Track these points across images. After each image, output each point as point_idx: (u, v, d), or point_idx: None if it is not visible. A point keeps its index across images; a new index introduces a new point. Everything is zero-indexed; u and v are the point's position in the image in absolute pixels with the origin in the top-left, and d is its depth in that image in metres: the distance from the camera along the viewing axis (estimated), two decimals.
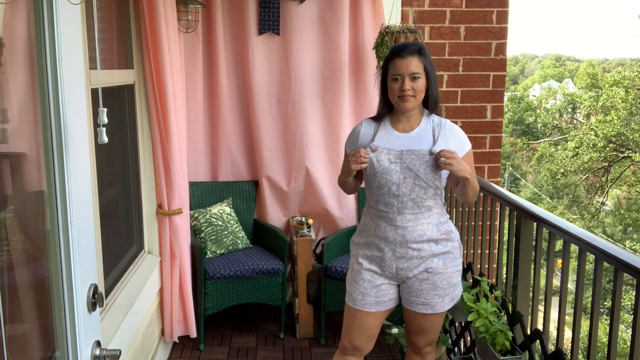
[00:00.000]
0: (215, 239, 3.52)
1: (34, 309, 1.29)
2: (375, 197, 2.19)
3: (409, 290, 2.23)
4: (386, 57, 2.21)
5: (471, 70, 3.85)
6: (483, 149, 3.95)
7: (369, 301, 2.23)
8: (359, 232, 2.30)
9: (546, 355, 2.10)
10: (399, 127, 2.21)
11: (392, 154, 2.15)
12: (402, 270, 2.19)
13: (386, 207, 2.16)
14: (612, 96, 15.94)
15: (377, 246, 2.20)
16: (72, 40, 1.27)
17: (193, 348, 3.41)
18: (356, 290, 2.24)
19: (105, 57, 2.60)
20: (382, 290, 2.23)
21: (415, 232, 2.15)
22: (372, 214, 2.23)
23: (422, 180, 2.12)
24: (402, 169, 2.12)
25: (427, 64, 2.14)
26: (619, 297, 1.77)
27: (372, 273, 2.22)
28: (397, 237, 2.15)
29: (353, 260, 2.31)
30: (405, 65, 2.10)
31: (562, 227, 2.05)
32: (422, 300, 2.21)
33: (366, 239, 2.24)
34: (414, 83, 2.11)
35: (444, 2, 3.77)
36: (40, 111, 1.21)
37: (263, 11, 3.58)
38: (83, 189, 1.31)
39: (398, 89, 2.12)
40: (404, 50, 2.13)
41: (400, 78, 2.11)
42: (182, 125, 3.15)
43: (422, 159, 2.12)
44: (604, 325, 10.76)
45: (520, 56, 63.36)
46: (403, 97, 2.12)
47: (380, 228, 2.18)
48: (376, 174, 2.15)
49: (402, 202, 2.13)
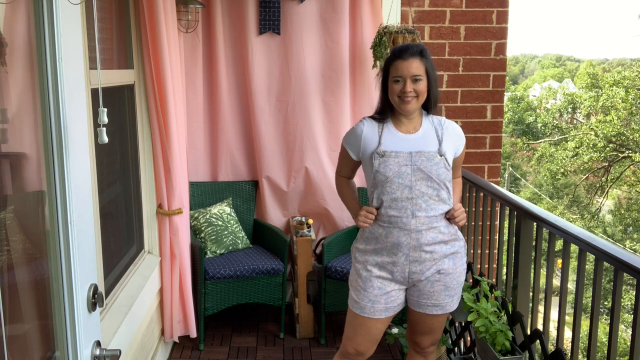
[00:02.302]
0: (215, 239, 3.52)
1: (34, 309, 1.29)
2: (386, 203, 2.12)
3: (419, 293, 2.19)
4: (387, 59, 2.19)
5: (471, 70, 3.86)
6: (483, 149, 3.95)
7: (378, 308, 2.19)
8: (365, 239, 2.21)
9: (546, 355, 2.10)
10: (402, 129, 2.17)
11: (400, 156, 2.10)
12: (415, 274, 2.15)
13: (399, 211, 2.10)
14: (612, 96, 15.95)
15: (390, 252, 2.14)
16: (72, 40, 1.26)
17: (193, 348, 3.41)
18: (365, 298, 2.18)
19: (105, 57, 2.60)
20: (392, 297, 2.19)
21: (429, 235, 2.12)
22: (382, 221, 2.14)
23: (435, 182, 2.10)
24: (413, 171, 2.09)
25: (428, 65, 2.12)
26: (619, 297, 1.77)
27: (383, 280, 2.17)
28: (411, 241, 2.11)
29: (359, 267, 2.21)
30: (407, 67, 2.09)
31: (562, 227, 2.05)
32: (434, 302, 2.19)
33: (375, 246, 2.17)
34: (415, 85, 2.09)
35: (444, 2, 3.77)
36: (40, 111, 1.21)
37: (263, 11, 3.58)
38: (83, 189, 1.31)
39: (399, 90, 2.10)
40: (406, 52, 2.11)
41: (402, 80, 2.09)
42: (182, 125, 3.15)
43: (433, 160, 2.10)
44: (604, 325, 10.76)
45: (520, 56, 63.37)
46: (404, 99, 2.10)
47: (393, 234, 2.12)
48: (387, 179, 2.09)
49: (416, 205, 2.09)
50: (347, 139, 2.28)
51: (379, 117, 2.22)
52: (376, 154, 2.12)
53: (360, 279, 2.20)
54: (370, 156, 2.15)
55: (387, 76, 2.16)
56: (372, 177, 2.14)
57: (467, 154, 3.95)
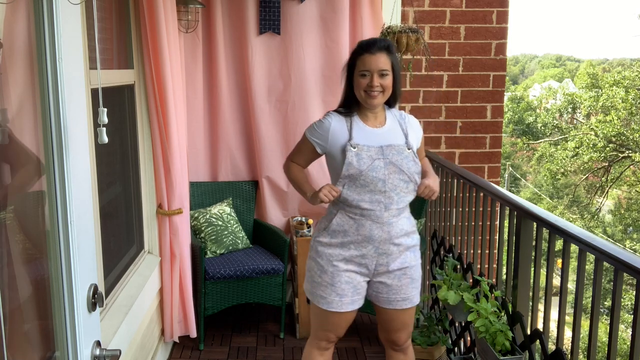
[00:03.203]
0: (215, 239, 3.52)
1: (34, 309, 1.29)
2: (358, 196, 2.12)
3: (387, 289, 2.22)
4: (353, 52, 2.20)
5: (471, 70, 3.86)
6: (483, 149, 3.95)
7: (346, 302, 2.20)
8: (331, 232, 2.18)
9: (546, 355, 2.10)
10: (369, 123, 2.20)
11: (372, 150, 2.12)
12: (381, 266, 2.19)
13: (372, 204, 2.11)
14: (612, 96, 15.95)
15: (358, 245, 2.16)
16: (72, 40, 1.26)
17: (193, 348, 3.41)
18: (333, 293, 2.18)
19: (105, 57, 2.60)
20: (359, 289, 2.22)
21: (398, 227, 2.17)
22: (353, 212, 2.14)
23: (406, 175, 2.14)
24: (385, 165, 2.11)
25: (394, 61, 2.15)
26: (619, 297, 1.77)
27: (350, 273, 2.18)
28: (382, 234, 2.14)
29: (324, 263, 2.19)
30: (375, 61, 2.11)
31: (562, 227, 2.05)
32: (403, 296, 2.23)
33: (342, 239, 2.17)
34: (382, 79, 2.11)
35: (444, 2, 3.77)
36: (40, 111, 1.21)
37: (263, 11, 3.58)
38: (83, 189, 1.31)
39: (366, 84, 2.12)
40: (373, 47, 2.12)
41: (369, 74, 2.11)
42: (182, 125, 3.15)
43: (403, 154, 2.14)
44: (604, 325, 10.76)
45: (520, 56, 63.38)
46: (370, 94, 2.12)
47: (365, 227, 2.13)
48: (361, 172, 2.09)
49: (389, 198, 2.12)
50: (312, 132, 2.24)
51: (345, 111, 2.22)
52: (350, 146, 2.11)
53: (326, 274, 2.19)
54: (341, 150, 2.14)
55: (353, 70, 2.17)
56: (344, 170, 2.10)
57: (467, 154, 3.95)
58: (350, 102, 2.21)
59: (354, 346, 3.44)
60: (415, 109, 3.88)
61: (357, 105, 2.21)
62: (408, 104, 3.87)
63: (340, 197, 2.15)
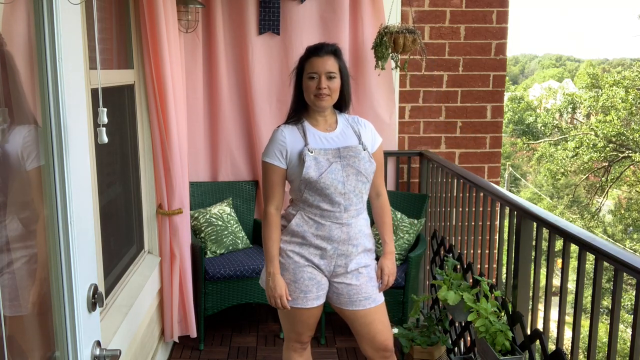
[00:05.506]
0: (215, 239, 3.52)
1: (34, 309, 1.29)
2: (317, 198, 2.13)
3: (348, 289, 2.22)
4: (301, 57, 2.23)
5: (471, 70, 3.86)
6: (483, 149, 3.95)
7: (311, 297, 2.21)
8: (291, 233, 2.20)
9: (546, 355, 2.10)
10: (320, 127, 2.23)
11: (329, 153, 2.15)
12: (339, 267, 2.21)
13: (332, 206, 2.14)
14: (612, 96, 15.95)
15: (317, 246, 2.18)
16: (72, 40, 1.26)
17: (193, 348, 3.41)
18: (297, 290, 2.20)
19: (105, 57, 2.60)
20: (322, 284, 2.24)
21: (357, 228, 2.20)
22: (312, 213, 2.16)
23: (363, 176, 2.17)
24: (343, 167, 2.14)
25: (342, 65, 2.20)
26: (619, 297, 1.77)
27: (312, 268, 2.21)
28: (342, 234, 2.17)
29: (284, 261, 2.21)
30: (322, 63, 2.14)
31: (562, 227, 2.05)
32: (364, 295, 2.23)
33: (301, 241, 2.19)
34: (330, 82, 2.15)
35: (444, 2, 3.77)
36: (40, 111, 1.21)
37: (263, 11, 3.58)
38: (83, 189, 1.31)
39: (315, 87, 2.15)
40: (321, 50, 2.17)
41: (317, 76, 2.15)
42: (182, 125, 3.15)
43: (359, 155, 2.17)
44: (604, 325, 10.76)
45: (520, 56, 63.41)
46: (319, 96, 2.15)
47: (325, 227, 2.16)
48: (321, 175, 2.11)
49: (348, 199, 2.15)
50: (268, 153, 2.20)
51: (294, 119, 2.25)
52: (307, 150, 2.13)
53: (288, 272, 2.21)
54: (298, 155, 2.15)
55: (302, 75, 2.20)
56: (303, 173, 2.11)
57: (467, 154, 3.95)
58: (300, 108, 2.25)
59: (354, 346, 3.44)
60: (415, 109, 3.89)
61: (305, 111, 2.24)
62: (408, 104, 3.87)
63: (301, 198, 2.18)
